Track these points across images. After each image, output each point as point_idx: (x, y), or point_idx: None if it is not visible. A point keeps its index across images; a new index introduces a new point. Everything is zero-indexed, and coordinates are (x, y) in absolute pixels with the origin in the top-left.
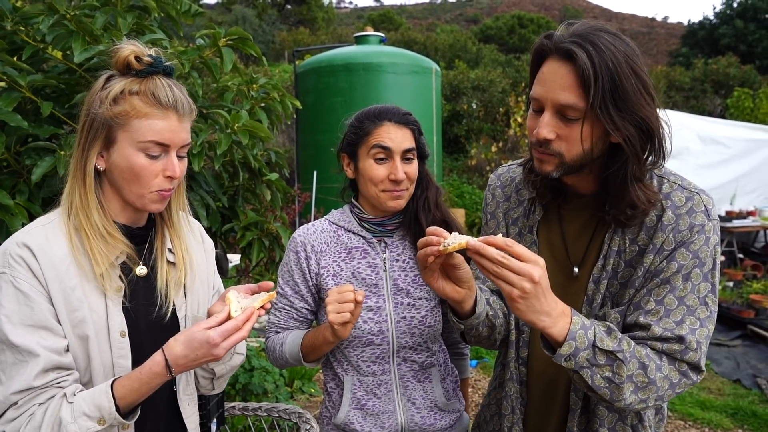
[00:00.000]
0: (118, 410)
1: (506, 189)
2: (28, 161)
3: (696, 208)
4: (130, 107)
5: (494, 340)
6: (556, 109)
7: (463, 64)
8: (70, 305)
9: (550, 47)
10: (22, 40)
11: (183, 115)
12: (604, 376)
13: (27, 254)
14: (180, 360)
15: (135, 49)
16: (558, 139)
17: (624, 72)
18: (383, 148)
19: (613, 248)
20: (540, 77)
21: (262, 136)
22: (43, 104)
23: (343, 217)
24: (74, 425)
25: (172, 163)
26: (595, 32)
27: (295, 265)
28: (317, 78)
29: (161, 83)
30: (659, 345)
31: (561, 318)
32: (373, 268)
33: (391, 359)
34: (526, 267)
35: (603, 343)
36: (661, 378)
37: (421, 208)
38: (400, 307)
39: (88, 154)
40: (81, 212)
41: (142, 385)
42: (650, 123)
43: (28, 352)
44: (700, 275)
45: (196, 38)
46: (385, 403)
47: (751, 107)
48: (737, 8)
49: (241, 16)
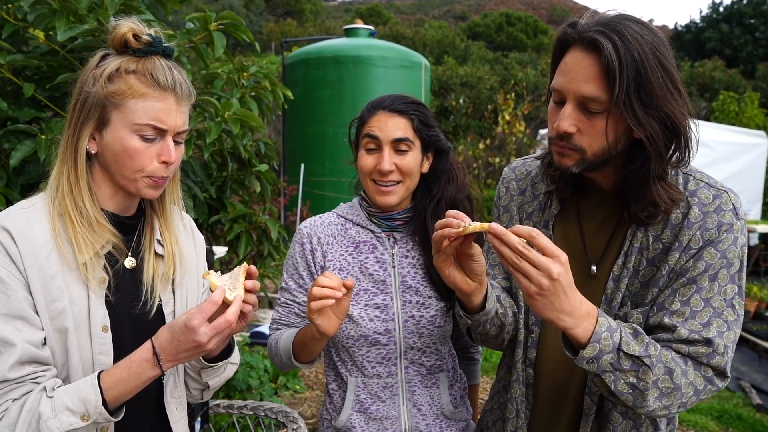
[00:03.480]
0: (105, 405)
1: (521, 182)
2: (7, 145)
3: (724, 206)
4: (126, 86)
5: (502, 339)
6: (578, 101)
7: (452, 60)
8: (49, 294)
9: (573, 36)
10: (2, 18)
11: (181, 99)
12: (628, 382)
13: (5, 238)
14: (166, 347)
15: (134, 26)
16: (579, 132)
17: (650, 64)
18: (371, 137)
19: (635, 245)
20: (562, 67)
21: (253, 126)
22: (24, 85)
23: (352, 211)
24: (55, 420)
25: (168, 148)
26: (621, 21)
27: (300, 257)
28: (306, 70)
29: (160, 64)
30: (685, 348)
31: (585, 319)
32: (381, 264)
33: (398, 361)
34: (547, 261)
35: (629, 347)
36: (687, 384)
37: (431, 210)
38: (409, 305)
39: (79, 135)
40: (68, 197)
41: (131, 376)
42: (676, 119)
43: (2, 342)
44: (727, 276)
45: (185, 21)
46: (389, 407)
47: (736, 111)
48: (723, 13)
49: (227, 6)
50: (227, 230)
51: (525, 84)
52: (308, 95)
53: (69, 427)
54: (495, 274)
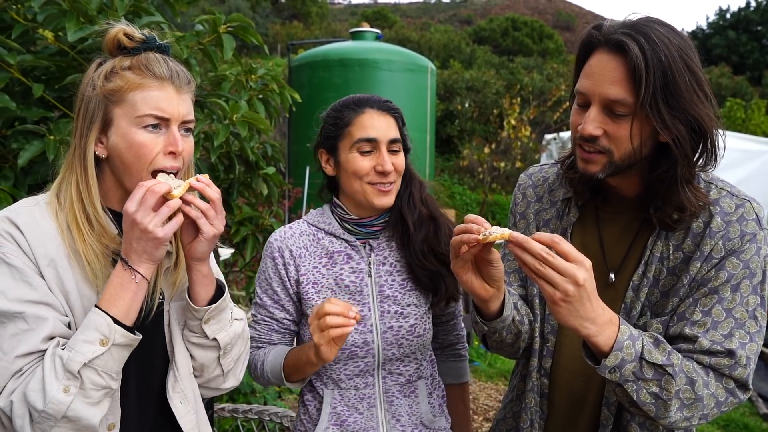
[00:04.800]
0: (116, 321)
1: (538, 189)
2: (15, 145)
3: (747, 215)
4: (123, 81)
5: (518, 348)
6: (603, 104)
7: (458, 64)
8: (62, 286)
9: (599, 39)
10: (12, 18)
11: (180, 87)
12: (651, 392)
13: (14, 230)
14: (126, 248)
15: (124, 27)
16: (605, 135)
17: (677, 67)
18: (368, 140)
19: (655, 254)
20: (587, 70)
21: (260, 128)
22: (34, 86)
23: (323, 219)
24: (77, 354)
25: (174, 137)
26: (648, 24)
27: (273, 273)
28: (312, 72)
29: (154, 56)
30: (706, 359)
31: (608, 326)
32: (357, 274)
33: (376, 372)
34: (571, 267)
35: (651, 356)
36: (708, 395)
37: (406, 206)
38: (387, 315)
39: (86, 141)
40: (78, 205)
41: (119, 290)
42: (703, 122)
43: (35, 318)
44: (750, 287)
45: (195, 23)
46: (367, 419)
47: (743, 118)
48: (730, 19)
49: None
50: (233, 232)
51: (530, 88)
52: (314, 98)
53: (92, 355)
54: (511, 281)
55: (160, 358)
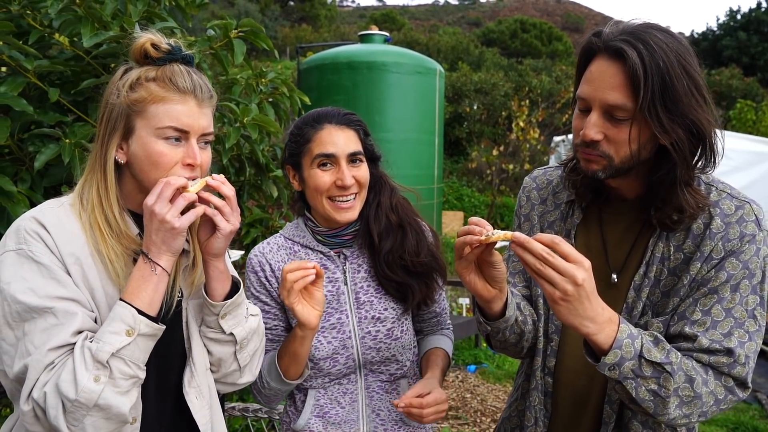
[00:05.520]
0: (140, 312)
1: (542, 192)
2: (32, 148)
3: (746, 217)
4: (146, 93)
5: (521, 347)
6: (604, 109)
7: (467, 66)
8: (88, 283)
9: (599, 45)
10: (29, 24)
11: (202, 101)
12: (650, 389)
13: (41, 230)
14: (146, 241)
15: (152, 37)
16: (605, 140)
17: (675, 72)
18: (326, 155)
19: (656, 255)
20: (587, 76)
21: (270, 131)
22: (50, 90)
23: (298, 232)
24: (106, 345)
25: (192, 150)
26: (646, 30)
27: (259, 285)
28: (320, 75)
29: (179, 69)
30: (706, 357)
31: (607, 325)
32: (334, 283)
33: (359, 371)
34: (571, 267)
35: (650, 354)
36: (707, 393)
37: (373, 217)
38: (364, 321)
39: (108, 147)
40: (98, 209)
41: (141, 281)
42: (701, 126)
43: (65, 313)
44: (749, 287)
45: (207, 28)
46: (348, 413)
47: (754, 119)
48: (741, 20)
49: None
50: (244, 234)
51: (539, 91)
52: (323, 100)
53: (120, 345)
54: (515, 282)
55: (178, 354)
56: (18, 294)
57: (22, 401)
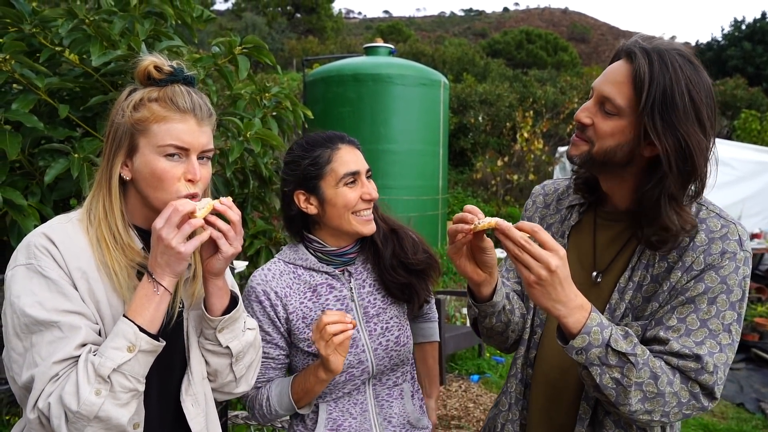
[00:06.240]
0: (141, 330)
1: (548, 197)
2: (42, 163)
3: (730, 236)
4: (149, 113)
5: (506, 337)
6: (599, 98)
7: (471, 77)
8: (93, 296)
9: (622, 49)
10: (40, 42)
11: (202, 119)
12: (613, 377)
13: (49, 245)
14: (151, 261)
15: (155, 60)
16: (593, 127)
17: (680, 90)
18: (353, 173)
19: (642, 261)
20: (604, 72)
21: (273, 144)
22: (60, 107)
23: (299, 255)
24: (106, 360)
25: (192, 166)
26: (668, 49)
27: (262, 315)
28: (326, 87)
29: (180, 89)
30: (675, 360)
31: (577, 311)
32: (342, 301)
33: (368, 381)
34: (546, 255)
35: (617, 344)
36: (671, 393)
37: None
38: (375, 334)
39: (113, 164)
40: (104, 222)
41: (144, 300)
42: (691, 144)
43: (69, 327)
44: (727, 302)
45: (211, 46)
46: (361, 423)
47: (758, 129)
48: (745, 30)
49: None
50: (247, 245)
51: (544, 101)
52: (328, 112)
53: (121, 360)
54: (509, 277)
55: (179, 363)
56: (27, 307)
57: (29, 410)
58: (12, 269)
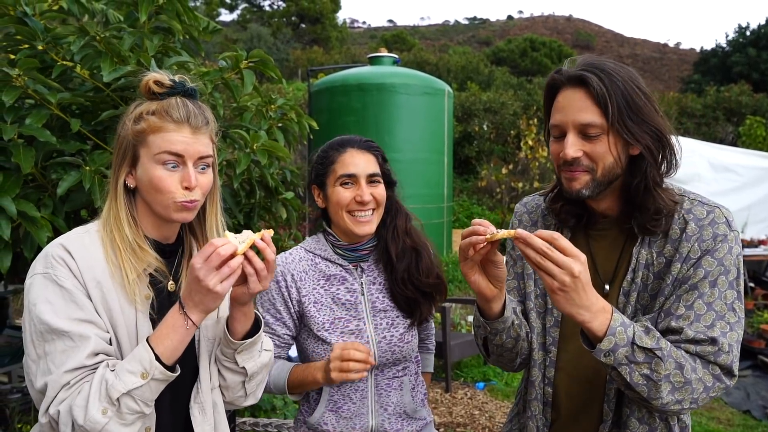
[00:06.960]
0: (159, 360)
1: (533, 215)
2: (54, 175)
3: (717, 219)
4: (146, 125)
5: (515, 354)
6: (578, 129)
7: (476, 86)
8: (107, 305)
9: (562, 80)
10: (52, 59)
11: (197, 128)
12: (643, 374)
13: (66, 255)
14: (185, 296)
15: (156, 75)
16: (585, 156)
17: (632, 88)
18: (348, 175)
19: (641, 261)
20: (557, 106)
21: (279, 156)
22: (72, 121)
23: (319, 246)
24: (119, 383)
25: (188, 174)
26: (600, 61)
27: (277, 294)
28: (331, 97)
29: (176, 102)
30: (693, 347)
31: (601, 313)
32: (352, 293)
33: (370, 371)
34: (568, 261)
35: (642, 341)
36: (696, 379)
37: (390, 237)
38: (380, 328)
39: (119, 173)
40: (114, 227)
41: (170, 330)
42: (662, 131)
43: (79, 337)
44: (726, 282)
45: (218, 60)
46: (359, 407)
47: (764, 136)
48: (750, 36)
49: (256, 34)
50: None
51: None
52: (333, 122)
53: (132, 386)
54: (512, 298)
55: (190, 371)
56: (42, 314)
57: (41, 414)
58: (31, 277)
